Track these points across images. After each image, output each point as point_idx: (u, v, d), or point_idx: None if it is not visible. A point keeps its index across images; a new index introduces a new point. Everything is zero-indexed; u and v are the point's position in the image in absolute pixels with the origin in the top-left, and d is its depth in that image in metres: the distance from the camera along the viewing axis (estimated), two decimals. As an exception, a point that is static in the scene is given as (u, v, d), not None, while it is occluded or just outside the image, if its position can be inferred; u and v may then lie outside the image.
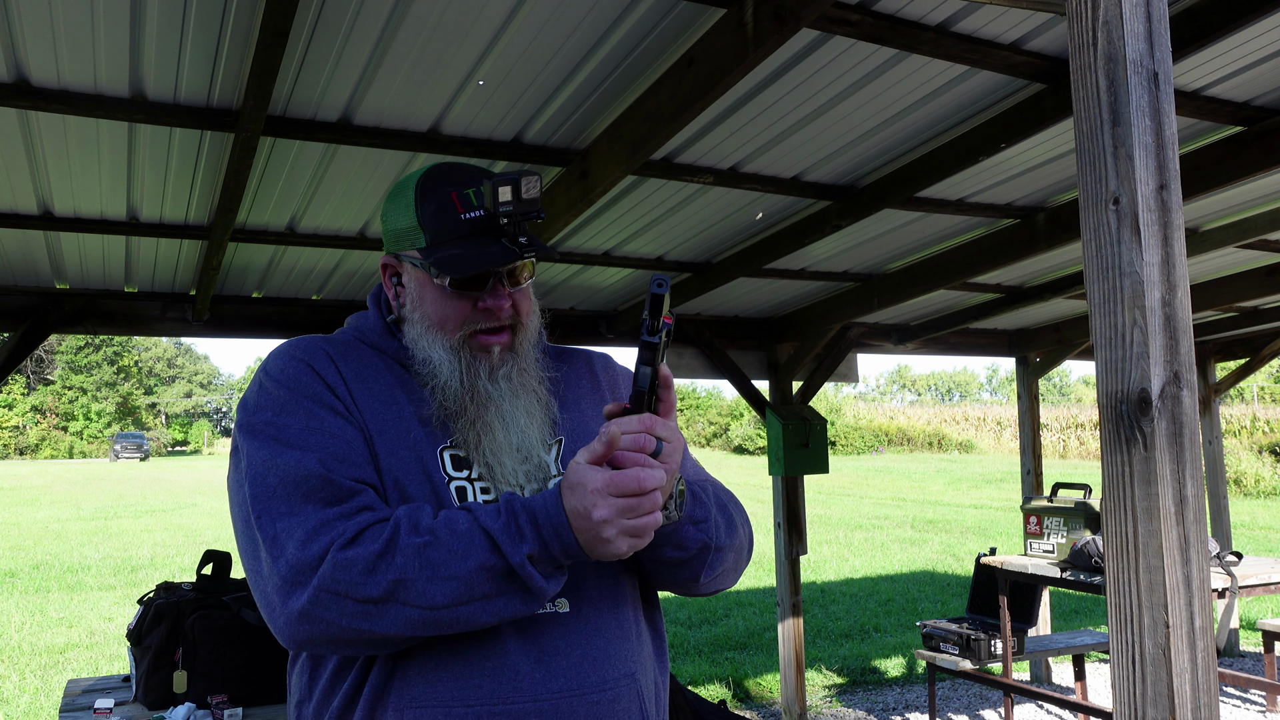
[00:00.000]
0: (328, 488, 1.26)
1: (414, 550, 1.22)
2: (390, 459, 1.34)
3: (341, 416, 1.34)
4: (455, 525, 1.25)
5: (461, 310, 1.40)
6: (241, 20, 2.17)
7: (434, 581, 1.22)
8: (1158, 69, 1.18)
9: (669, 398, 1.31)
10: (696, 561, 1.40)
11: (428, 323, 1.41)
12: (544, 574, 1.25)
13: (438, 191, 1.40)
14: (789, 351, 6.00)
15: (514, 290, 1.42)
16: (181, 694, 3.11)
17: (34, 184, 3.11)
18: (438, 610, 1.22)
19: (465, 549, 1.23)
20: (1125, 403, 1.14)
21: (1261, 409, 31.82)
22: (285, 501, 1.26)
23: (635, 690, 1.37)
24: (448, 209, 1.38)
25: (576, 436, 1.48)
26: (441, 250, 1.37)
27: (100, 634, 9.13)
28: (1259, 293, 5.37)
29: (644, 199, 3.61)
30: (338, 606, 1.21)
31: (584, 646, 1.34)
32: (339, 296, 4.83)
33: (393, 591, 1.21)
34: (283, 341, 1.44)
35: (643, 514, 1.22)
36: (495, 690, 1.28)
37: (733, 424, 43.82)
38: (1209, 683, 1.12)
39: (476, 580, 1.23)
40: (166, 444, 61.26)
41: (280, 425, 1.31)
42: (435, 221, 1.38)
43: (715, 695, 6.42)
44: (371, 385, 1.39)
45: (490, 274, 1.40)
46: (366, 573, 1.21)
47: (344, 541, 1.23)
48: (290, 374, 1.36)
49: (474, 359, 1.40)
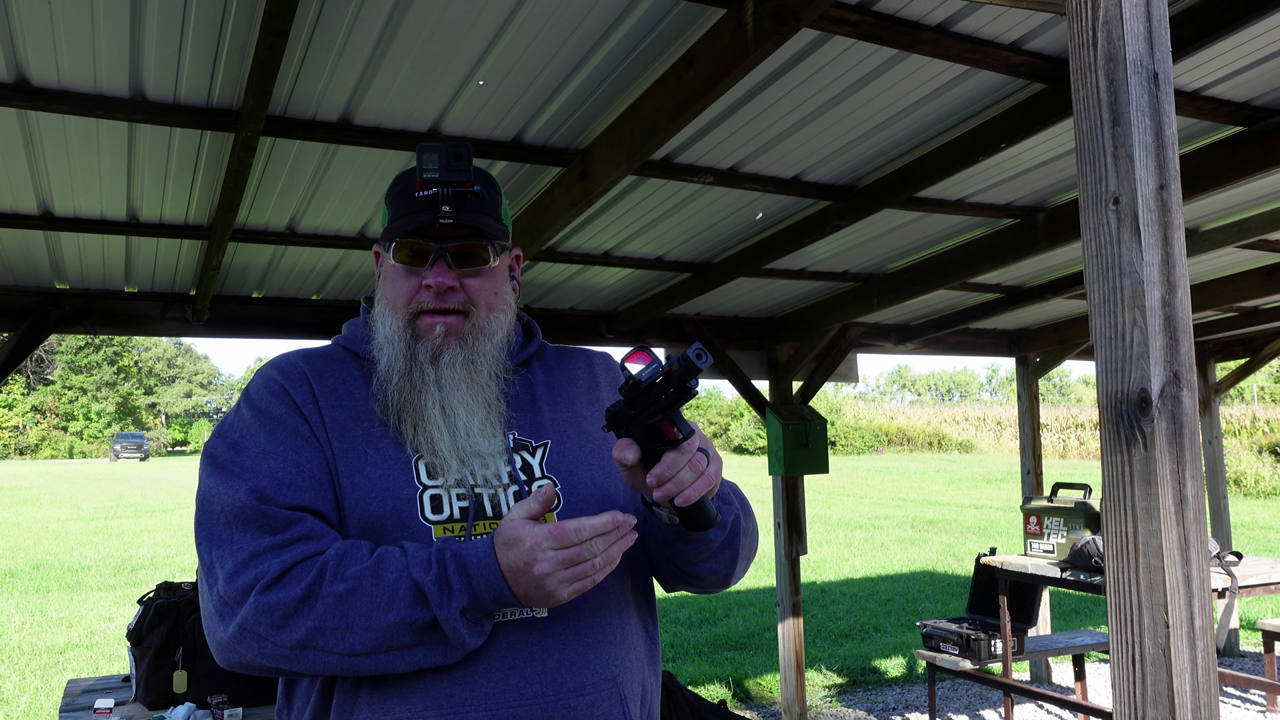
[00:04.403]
0: (263, 518, 1.28)
1: (335, 598, 1.23)
2: (354, 477, 1.34)
3: (303, 438, 1.35)
4: (383, 573, 1.25)
5: (409, 287, 1.41)
6: (241, 20, 2.17)
7: (352, 631, 1.23)
8: (1158, 69, 1.18)
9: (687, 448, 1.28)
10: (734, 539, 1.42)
11: (385, 302, 1.44)
12: (471, 624, 1.25)
13: (409, 175, 1.44)
14: (789, 351, 6.00)
15: (464, 273, 1.41)
16: (181, 694, 3.11)
17: (34, 184, 3.11)
18: (356, 657, 1.24)
19: (388, 600, 1.23)
20: (1125, 403, 1.14)
21: (1261, 409, 31.82)
22: (225, 528, 1.29)
23: (617, 694, 1.35)
24: (408, 190, 1.42)
25: (567, 437, 1.46)
26: (391, 225, 1.42)
27: (100, 634, 9.13)
28: (1259, 293, 5.36)
29: (644, 199, 3.60)
30: (258, 646, 1.24)
31: (561, 651, 1.32)
32: (339, 296, 4.83)
33: (310, 639, 1.23)
34: (274, 356, 1.47)
35: (583, 562, 1.21)
36: (469, 698, 1.27)
37: (733, 424, 43.84)
38: (1209, 683, 1.11)
39: (395, 633, 1.23)
40: (166, 444, 61.26)
41: (238, 448, 1.35)
42: (396, 202, 1.43)
43: (715, 695, 6.42)
44: (345, 402, 1.40)
45: (431, 249, 1.40)
46: (286, 617, 1.23)
47: (267, 583, 1.24)
48: (263, 396, 1.40)
49: (416, 339, 1.40)
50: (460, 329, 1.41)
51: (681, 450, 1.24)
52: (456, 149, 1.37)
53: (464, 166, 1.37)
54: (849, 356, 6.21)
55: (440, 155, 1.36)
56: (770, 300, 5.47)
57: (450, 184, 1.37)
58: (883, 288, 4.92)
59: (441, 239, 1.40)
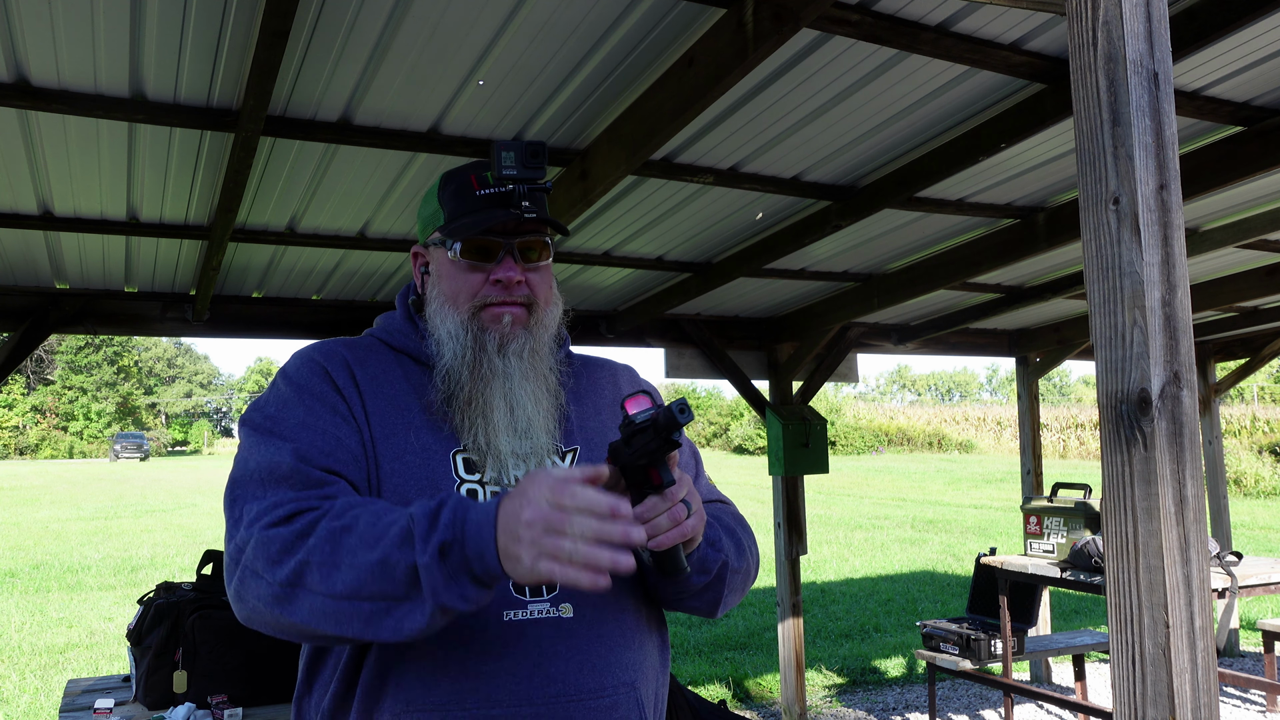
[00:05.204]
0: (297, 475, 1.26)
1: (329, 534, 1.18)
2: (394, 463, 1.34)
3: (341, 417, 1.35)
4: (384, 514, 1.18)
5: (474, 283, 1.42)
6: (241, 20, 2.17)
7: (338, 569, 1.15)
8: (1158, 69, 1.18)
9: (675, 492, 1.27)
10: (718, 583, 1.41)
11: (443, 299, 1.44)
12: (449, 574, 1.12)
13: (460, 175, 1.45)
14: (789, 351, 6.00)
15: (528, 268, 1.43)
16: (181, 694, 3.11)
17: (34, 184, 3.11)
18: (339, 600, 1.15)
19: (377, 537, 1.15)
20: (1125, 403, 1.14)
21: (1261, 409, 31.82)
22: (258, 486, 1.28)
23: (634, 699, 1.36)
24: (465, 188, 1.43)
25: (594, 445, 1.47)
26: (454, 224, 1.42)
27: (100, 634, 9.13)
28: (1259, 293, 5.36)
29: (644, 199, 3.60)
30: (256, 587, 1.20)
31: (584, 652, 1.33)
32: (339, 297, 4.83)
33: (300, 574, 1.17)
34: (307, 344, 1.47)
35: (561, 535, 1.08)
36: (492, 694, 1.27)
37: (733, 424, 43.82)
38: (1209, 683, 1.11)
39: (374, 576, 1.13)
40: (166, 444, 61.29)
41: (276, 419, 1.34)
42: (453, 200, 1.44)
43: (715, 695, 6.42)
44: (385, 390, 1.40)
45: (500, 246, 1.41)
46: (281, 552, 1.18)
47: (273, 520, 1.21)
48: (303, 374, 1.40)
49: (483, 331, 1.40)
50: (526, 320, 1.43)
51: (663, 497, 1.24)
52: (534, 147, 1.37)
53: (540, 164, 1.38)
54: (849, 356, 6.22)
55: (519, 152, 1.37)
56: (770, 300, 5.47)
57: (529, 181, 1.38)
58: (883, 288, 4.92)
59: (509, 234, 1.41)
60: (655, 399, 1.28)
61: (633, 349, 10.67)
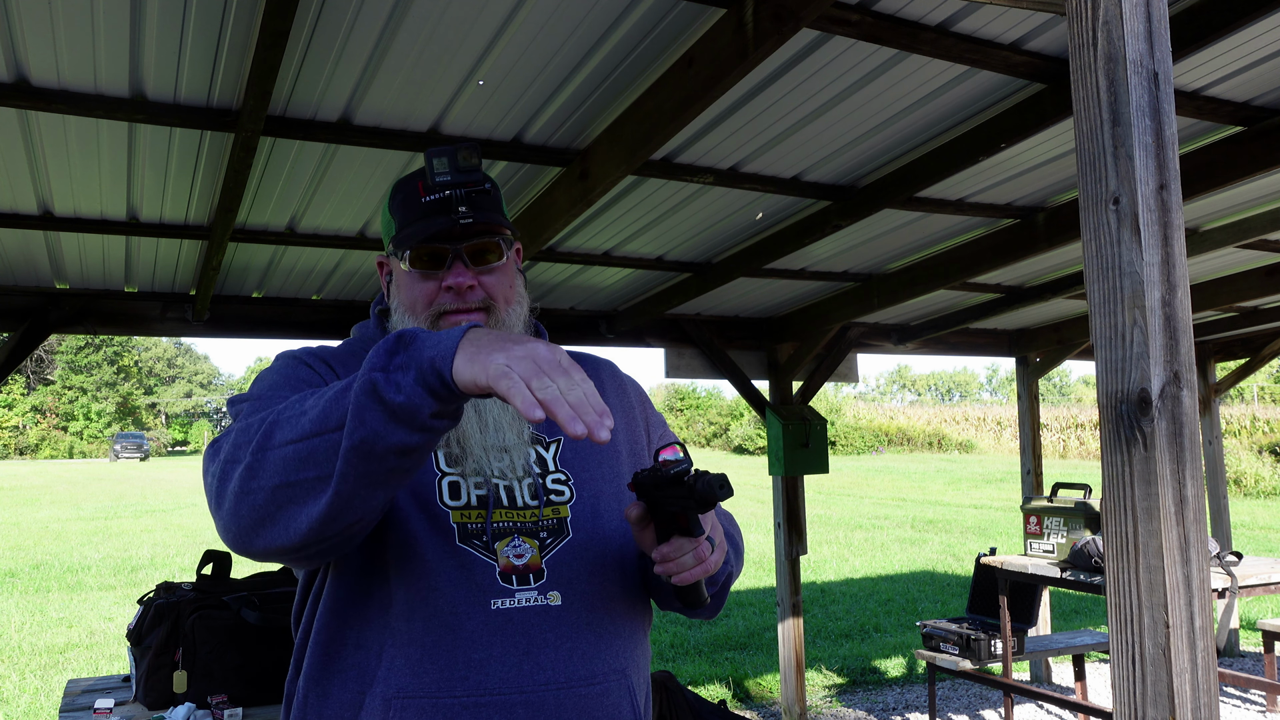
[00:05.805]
0: None
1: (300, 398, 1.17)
2: None
3: None
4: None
5: (428, 291, 1.42)
6: (241, 20, 2.17)
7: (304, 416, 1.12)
8: (1158, 69, 1.18)
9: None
10: (723, 591, 1.47)
11: (404, 309, 1.45)
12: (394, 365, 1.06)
13: (408, 184, 1.45)
14: (789, 351, 6.00)
15: (480, 271, 1.42)
16: (181, 694, 3.11)
17: (34, 184, 3.11)
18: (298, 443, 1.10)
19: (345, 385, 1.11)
20: (1125, 403, 1.14)
21: (1261, 409, 31.82)
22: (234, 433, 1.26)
23: (625, 686, 1.37)
24: (412, 196, 1.43)
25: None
26: (402, 233, 1.42)
27: (100, 634, 9.13)
28: (1259, 293, 5.36)
29: (644, 199, 3.60)
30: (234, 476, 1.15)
31: (574, 640, 1.34)
32: (339, 297, 4.83)
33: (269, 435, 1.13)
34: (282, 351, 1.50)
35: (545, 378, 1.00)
36: (482, 682, 1.28)
37: (733, 424, 43.82)
38: (1209, 683, 1.11)
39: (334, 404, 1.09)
40: (166, 444, 61.28)
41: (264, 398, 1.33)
42: (401, 209, 1.44)
43: (715, 695, 6.42)
44: None
45: (448, 252, 1.41)
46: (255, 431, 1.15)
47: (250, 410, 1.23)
48: (288, 365, 1.42)
49: None
50: (485, 323, 1.43)
51: (691, 539, 1.27)
52: (465, 149, 1.38)
53: (475, 166, 1.38)
54: (849, 356, 6.22)
55: (450, 157, 1.37)
56: (770, 300, 5.47)
57: (463, 185, 1.38)
58: (883, 288, 4.92)
59: (455, 240, 1.41)
60: (684, 450, 1.28)
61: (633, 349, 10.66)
